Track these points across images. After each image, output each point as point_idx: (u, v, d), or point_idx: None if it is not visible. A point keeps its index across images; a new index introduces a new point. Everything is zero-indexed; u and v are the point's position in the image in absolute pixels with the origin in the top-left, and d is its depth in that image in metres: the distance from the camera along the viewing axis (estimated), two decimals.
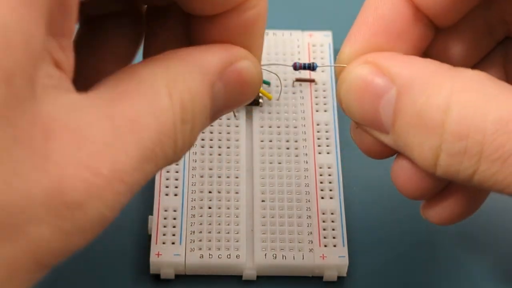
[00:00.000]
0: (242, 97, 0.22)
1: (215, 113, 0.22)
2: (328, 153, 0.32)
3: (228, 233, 0.29)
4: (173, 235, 0.29)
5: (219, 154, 0.31)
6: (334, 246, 0.29)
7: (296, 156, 0.31)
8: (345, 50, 0.23)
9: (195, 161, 0.31)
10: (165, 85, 0.20)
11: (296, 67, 0.27)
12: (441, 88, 0.20)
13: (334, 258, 0.29)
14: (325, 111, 0.33)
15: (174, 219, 0.30)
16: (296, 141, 0.32)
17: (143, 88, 0.19)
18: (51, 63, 0.18)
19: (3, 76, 0.16)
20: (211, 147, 0.31)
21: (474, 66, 0.25)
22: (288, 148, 0.32)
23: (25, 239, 0.17)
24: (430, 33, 0.23)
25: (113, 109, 0.19)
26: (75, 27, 0.19)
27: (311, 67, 0.26)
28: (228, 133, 0.32)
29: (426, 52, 0.24)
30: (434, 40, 0.24)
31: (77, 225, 0.18)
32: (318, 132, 0.32)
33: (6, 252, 0.17)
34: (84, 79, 0.20)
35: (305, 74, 0.34)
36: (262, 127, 0.32)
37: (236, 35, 0.22)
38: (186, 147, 0.20)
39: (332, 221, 0.30)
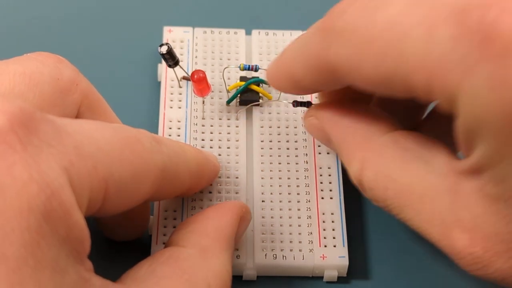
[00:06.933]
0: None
1: None
2: (328, 153, 0.32)
3: None
4: None
5: (219, 154, 0.31)
6: (334, 246, 0.29)
7: (296, 156, 0.31)
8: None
9: None
10: (204, 278, 0.24)
11: (294, 105, 0.32)
12: (356, 159, 0.26)
13: (334, 258, 0.29)
14: None
15: (174, 219, 0.30)
16: (296, 141, 0.32)
17: (184, 277, 0.24)
18: None
19: None
20: (211, 147, 0.31)
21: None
22: (288, 148, 0.32)
23: None
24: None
25: None
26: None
27: (307, 105, 0.31)
28: (228, 133, 0.32)
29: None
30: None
31: None
32: None
33: None
34: None
35: None
36: (262, 127, 0.32)
37: None
38: None
39: (332, 221, 0.30)
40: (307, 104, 0.32)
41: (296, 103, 0.32)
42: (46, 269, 0.20)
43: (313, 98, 0.33)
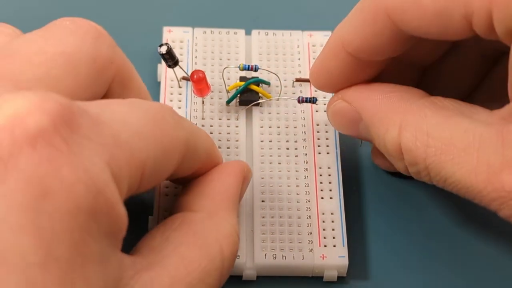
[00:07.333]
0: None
1: None
2: (328, 153, 0.32)
3: None
4: None
5: None
6: (334, 246, 0.29)
7: (296, 156, 0.31)
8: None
9: None
10: (216, 240, 0.25)
11: (300, 101, 0.32)
12: (393, 124, 0.26)
13: (334, 258, 0.29)
14: (325, 111, 0.32)
15: None
16: (296, 141, 0.32)
17: (198, 242, 0.24)
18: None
19: None
20: None
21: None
22: (288, 148, 0.32)
23: None
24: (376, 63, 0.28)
25: (171, 265, 0.23)
26: None
27: (312, 101, 0.32)
28: (228, 133, 0.32)
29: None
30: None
31: None
32: (318, 132, 0.32)
33: None
34: None
35: (305, 74, 0.34)
36: (262, 127, 0.32)
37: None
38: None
39: (332, 221, 0.30)
40: (313, 100, 0.32)
41: (301, 99, 0.32)
42: (92, 264, 0.20)
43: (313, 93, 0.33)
